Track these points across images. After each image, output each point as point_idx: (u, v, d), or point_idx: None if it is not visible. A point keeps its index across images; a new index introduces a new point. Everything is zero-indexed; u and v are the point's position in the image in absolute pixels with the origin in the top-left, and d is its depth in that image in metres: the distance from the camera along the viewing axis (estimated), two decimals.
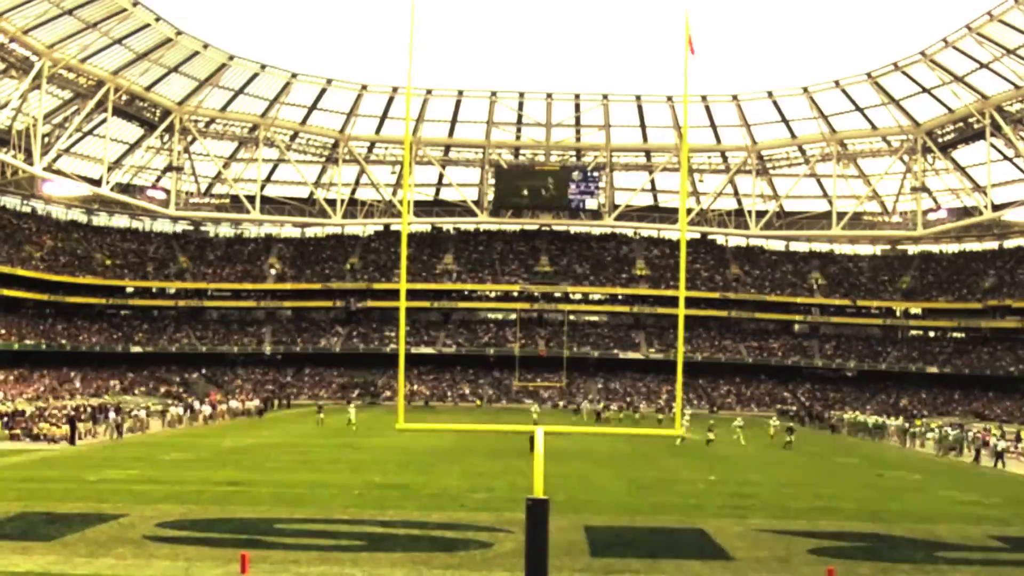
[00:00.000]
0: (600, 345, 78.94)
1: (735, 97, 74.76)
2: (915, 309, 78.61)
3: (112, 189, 72.10)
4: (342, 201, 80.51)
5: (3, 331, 63.59)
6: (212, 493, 26.30)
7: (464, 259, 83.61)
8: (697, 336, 76.95)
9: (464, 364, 78.15)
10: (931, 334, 79.27)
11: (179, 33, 64.05)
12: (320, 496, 26.14)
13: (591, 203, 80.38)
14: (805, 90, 72.40)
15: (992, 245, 79.54)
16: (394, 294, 75.05)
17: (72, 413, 44.69)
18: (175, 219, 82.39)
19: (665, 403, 69.24)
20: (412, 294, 75.30)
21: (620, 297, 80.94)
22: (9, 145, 62.20)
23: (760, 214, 79.81)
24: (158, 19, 61.63)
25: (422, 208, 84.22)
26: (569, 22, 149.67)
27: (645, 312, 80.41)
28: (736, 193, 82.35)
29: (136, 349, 74.25)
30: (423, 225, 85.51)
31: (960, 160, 73.12)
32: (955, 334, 77.05)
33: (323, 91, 75.03)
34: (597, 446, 42.08)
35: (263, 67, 71.44)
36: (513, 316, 79.14)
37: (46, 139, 64.50)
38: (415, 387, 72.64)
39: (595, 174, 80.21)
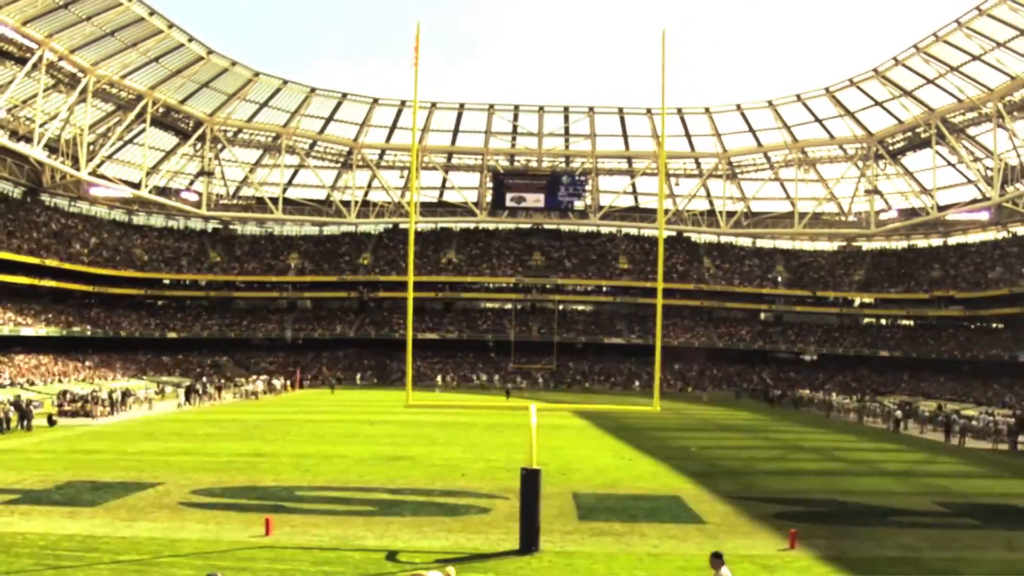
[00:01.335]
0: (587, 331, 78.86)
1: (707, 109, 74.72)
2: (868, 299, 78.64)
3: (150, 192, 71.97)
4: (356, 203, 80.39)
5: (52, 318, 63.48)
6: (240, 463, 26.30)
7: (465, 254, 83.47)
8: (673, 323, 76.89)
9: (465, 348, 77.99)
10: (883, 322, 79.26)
11: (210, 52, 63.80)
12: (335, 466, 26.15)
13: (579, 204, 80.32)
14: (770, 103, 72.38)
15: (937, 242, 79.51)
16: (402, 286, 74.97)
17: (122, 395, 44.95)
18: (206, 218, 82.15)
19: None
20: (419, 286, 75.33)
21: (604, 288, 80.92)
22: (58, 152, 62.15)
23: (730, 214, 79.84)
24: (191, 39, 61.38)
25: (427, 209, 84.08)
26: (559, 42, 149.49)
27: (627, 302, 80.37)
28: (708, 195, 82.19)
29: (171, 335, 74.06)
30: (428, 224, 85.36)
31: (909, 166, 73.14)
32: (904, 322, 77.04)
33: (339, 104, 74.87)
34: (584, 420, 42.11)
35: (285, 83, 71.28)
36: (509, 306, 79.17)
37: (91, 147, 64.34)
38: (421, 368, 72.56)
39: (582, 178, 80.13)
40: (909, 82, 63.51)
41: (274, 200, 78.32)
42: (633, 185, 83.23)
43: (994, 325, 68.80)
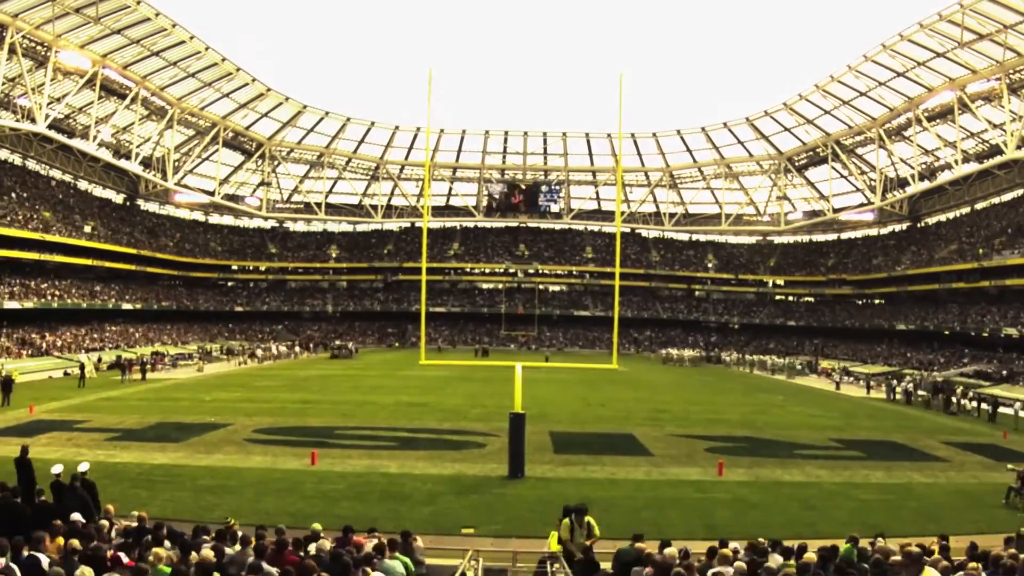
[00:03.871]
0: (561, 306, 78.79)
1: (654, 134, 74.29)
2: (779, 281, 78.70)
3: (222, 198, 71.36)
4: (382, 206, 79.87)
5: (145, 296, 63.05)
6: (291, 409, 26.23)
7: (466, 247, 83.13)
8: (628, 300, 76.88)
9: (465, 320, 77.87)
10: (790, 298, 79.27)
11: (268, 89, 63.06)
12: (366, 411, 26.11)
13: (554, 208, 79.86)
14: (703, 129, 72.08)
15: (832, 236, 79.36)
16: (417, 271, 74.99)
17: (206, 352, 44.79)
18: (266, 219, 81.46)
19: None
20: (430, 271, 75.11)
21: (574, 273, 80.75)
22: (151, 167, 61.75)
23: (671, 215, 79.57)
24: (254, 80, 60.60)
25: (437, 211, 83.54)
26: (542, 81, 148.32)
27: (591, 283, 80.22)
28: (655, 200, 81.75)
29: (238, 309, 73.77)
30: (437, 223, 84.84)
31: (811, 177, 72.91)
32: (807, 299, 77.07)
33: (368, 130, 74.21)
34: (559, 375, 42.10)
35: (327, 113, 70.53)
36: (500, 286, 78.99)
37: (176, 163, 63.74)
38: (434, 334, 72.50)
39: (557, 187, 79.68)
40: (811, 112, 63.31)
41: (318, 204, 77.93)
42: (597, 193, 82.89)
43: (876, 301, 68.97)
